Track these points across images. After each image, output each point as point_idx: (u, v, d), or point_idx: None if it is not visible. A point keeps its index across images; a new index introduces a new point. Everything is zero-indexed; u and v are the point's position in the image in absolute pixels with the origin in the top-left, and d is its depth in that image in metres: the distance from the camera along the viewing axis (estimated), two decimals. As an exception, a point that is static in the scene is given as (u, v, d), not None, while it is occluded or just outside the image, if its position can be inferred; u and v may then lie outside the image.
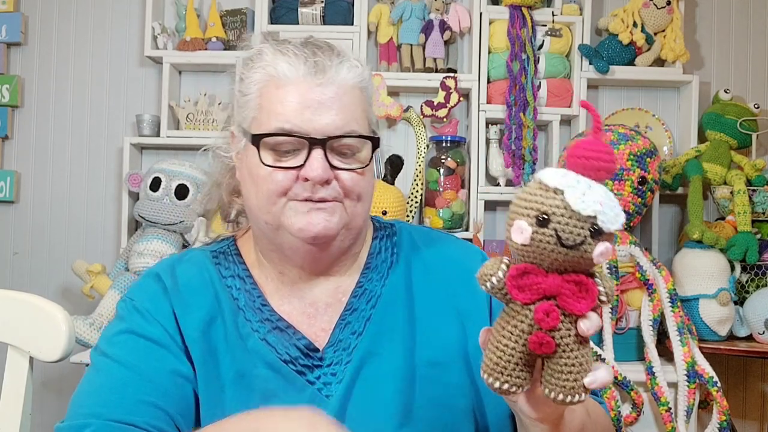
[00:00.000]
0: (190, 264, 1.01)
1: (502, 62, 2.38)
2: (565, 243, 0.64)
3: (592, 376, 0.68)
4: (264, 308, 0.98)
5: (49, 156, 2.60)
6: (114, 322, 0.98)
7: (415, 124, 2.42)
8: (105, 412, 0.87)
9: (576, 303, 0.66)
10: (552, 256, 0.65)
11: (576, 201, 0.64)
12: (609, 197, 0.65)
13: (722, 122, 2.36)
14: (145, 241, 2.24)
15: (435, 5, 2.42)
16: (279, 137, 0.90)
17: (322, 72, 0.91)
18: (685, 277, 2.14)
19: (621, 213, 0.65)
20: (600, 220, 0.64)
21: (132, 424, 0.86)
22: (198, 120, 2.46)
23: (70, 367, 2.23)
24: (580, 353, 0.68)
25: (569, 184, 0.65)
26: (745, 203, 2.18)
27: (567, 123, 2.49)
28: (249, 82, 0.95)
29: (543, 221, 0.65)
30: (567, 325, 0.67)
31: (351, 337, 0.97)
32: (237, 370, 0.94)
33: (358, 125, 0.93)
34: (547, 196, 0.65)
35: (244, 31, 2.45)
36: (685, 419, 1.90)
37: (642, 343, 1.99)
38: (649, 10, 2.40)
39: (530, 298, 0.67)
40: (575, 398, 0.68)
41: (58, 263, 2.56)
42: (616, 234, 0.67)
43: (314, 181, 0.90)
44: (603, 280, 0.68)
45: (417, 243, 1.05)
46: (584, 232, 0.64)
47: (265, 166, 0.91)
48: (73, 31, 2.61)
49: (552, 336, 0.67)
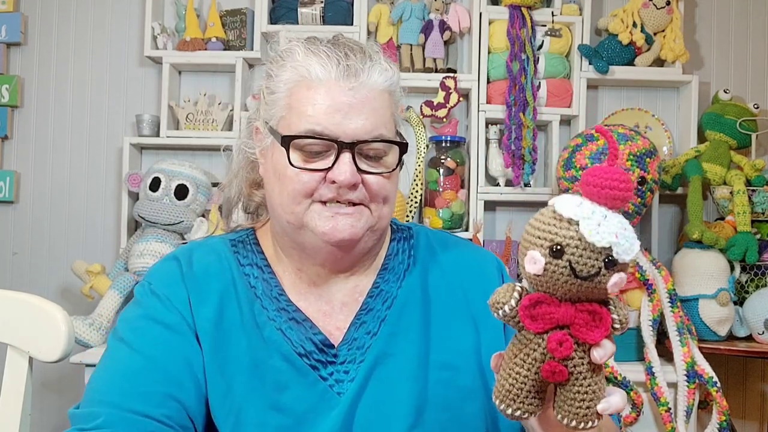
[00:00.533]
0: (208, 250, 1.02)
1: (502, 62, 2.38)
2: (579, 275, 0.64)
3: (605, 403, 0.69)
4: (281, 297, 0.98)
5: (49, 156, 2.60)
6: (131, 306, 0.99)
7: (414, 124, 2.42)
8: (119, 402, 0.87)
9: (589, 332, 0.66)
10: (565, 287, 0.65)
11: (591, 233, 0.63)
12: (624, 226, 0.65)
13: (722, 122, 2.36)
14: (145, 241, 2.24)
15: (435, 5, 2.42)
16: (308, 139, 0.90)
17: (354, 76, 0.91)
18: (685, 277, 2.14)
19: (636, 242, 0.65)
20: (615, 251, 0.64)
21: (146, 415, 0.87)
22: (198, 120, 2.46)
23: (69, 368, 2.23)
24: (593, 381, 0.68)
25: (584, 215, 0.64)
26: (744, 203, 2.18)
27: (567, 123, 2.49)
28: (278, 80, 0.95)
29: (557, 252, 0.64)
30: (580, 354, 0.67)
31: (365, 336, 0.97)
32: (252, 359, 0.94)
33: (386, 129, 0.93)
34: (561, 226, 0.65)
35: (244, 31, 2.45)
36: (685, 419, 1.90)
37: (642, 343, 1.99)
38: (649, 10, 2.40)
39: (543, 327, 0.67)
40: (588, 424, 0.68)
41: (58, 263, 2.56)
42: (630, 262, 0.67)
43: (342, 184, 0.90)
44: (617, 307, 0.68)
45: (434, 247, 1.05)
46: (599, 263, 0.64)
47: (293, 167, 0.91)
48: (73, 31, 2.61)
49: (565, 365, 0.67)
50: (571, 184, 2.11)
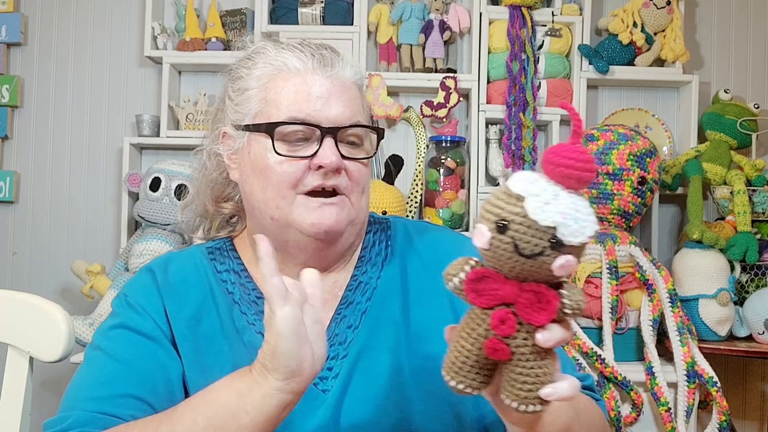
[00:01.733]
0: (184, 259, 1.02)
1: (502, 62, 2.38)
2: (522, 252, 0.62)
3: (551, 388, 0.66)
4: (259, 301, 0.98)
5: (49, 156, 2.60)
6: (108, 317, 0.99)
7: (414, 125, 2.42)
8: (90, 405, 0.88)
9: (534, 314, 0.64)
10: (510, 264, 0.63)
11: (535, 210, 0.61)
12: (576, 208, 0.62)
13: (722, 122, 2.36)
14: (145, 241, 2.24)
15: (435, 5, 2.42)
16: (291, 125, 0.92)
17: (330, 65, 0.95)
18: (685, 277, 2.14)
19: (589, 226, 0.62)
20: (560, 232, 0.61)
21: (115, 416, 0.87)
22: (197, 120, 2.46)
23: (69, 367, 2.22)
24: (537, 364, 0.65)
25: (533, 192, 0.62)
26: (744, 203, 2.18)
27: (567, 123, 2.48)
28: (250, 78, 0.96)
29: (502, 227, 0.62)
30: (524, 335, 0.65)
31: (347, 330, 0.97)
32: (234, 363, 0.94)
33: (361, 117, 0.96)
34: (508, 201, 0.63)
35: (244, 31, 2.45)
36: (685, 419, 1.90)
37: (642, 343, 1.99)
38: (649, 10, 2.40)
39: (487, 303, 0.66)
40: (528, 408, 0.66)
41: (58, 263, 2.55)
42: (585, 246, 0.64)
43: (328, 168, 0.91)
44: (570, 292, 0.65)
45: (411, 235, 1.06)
46: (543, 243, 0.61)
47: (278, 155, 0.92)
48: (73, 31, 2.61)
49: (507, 344, 0.65)
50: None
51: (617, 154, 2.04)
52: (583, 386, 1.01)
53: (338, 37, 2.38)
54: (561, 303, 0.64)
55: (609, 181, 2.05)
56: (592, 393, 1.01)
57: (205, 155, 1.04)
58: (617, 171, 2.04)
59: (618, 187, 2.05)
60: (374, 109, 2.37)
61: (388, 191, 2.21)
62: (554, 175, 0.62)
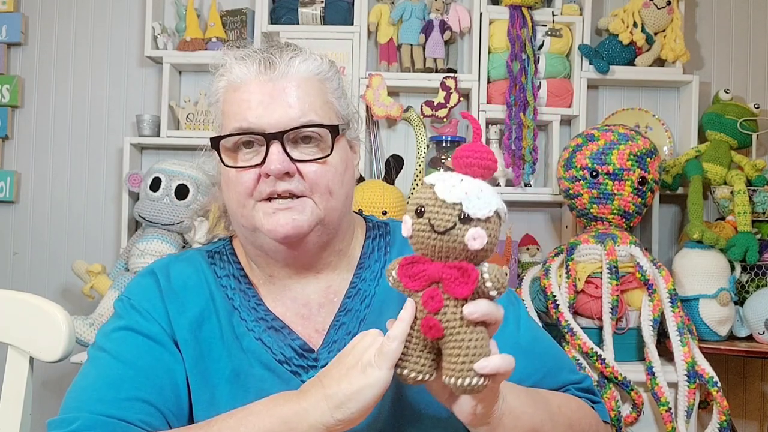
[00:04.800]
0: (185, 264, 1.02)
1: (502, 62, 2.38)
2: (437, 229, 0.71)
3: (485, 361, 0.71)
4: (259, 308, 0.98)
5: (49, 156, 2.60)
6: (111, 319, 0.99)
7: (415, 124, 2.42)
8: (97, 408, 0.87)
9: (456, 287, 0.71)
10: (430, 243, 0.72)
11: (442, 191, 0.71)
12: (480, 188, 0.72)
13: (722, 122, 2.36)
14: (145, 241, 2.24)
15: (435, 5, 2.42)
16: (235, 136, 0.92)
17: (271, 67, 0.93)
18: (685, 277, 2.14)
19: (492, 202, 0.72)
20: (465, 206, 0.70)
21: (123, 419, 0.86)
22: (198, 120, 2.46)
23: (70, 367, 2.22)
24: (468, 337, 0.71)
25: (442, 179, 0.73)
26: (745, 203, 2.18)
27: (567, 123, 2.49)
28: (214, 91, 0.98)
29: (420, 212, 0.72)
30: (453, 309, 0.72)
31: (346, 337, 0.97)
32: (233, 369, 0.94)
33: (317, 115, 0.93)
34: (423, 191, 0.74)
35: (245, 31, 2.45)
36: (685, 419, 1.90)
37: (642, 343, 1.98)
38: (649, 10, 2.40)
39: (419, 285, 0.74)
40: (465, 381, 0.71)
41: (58, 263, 2.56)
42: (493, 222, 0.73)
43: (274, 174, 0.90)
44: (492, 271, 0.72)
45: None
46: (453, 218, 0.71)
47: (228, 168, 0.93)
48: (73, 31, 2.61)
49: (439, 320, 0.72)
50: (572, 183, 2.11)
51: (617, 154, 2.04)
52: (582, 388, 1.01)
53: (338, 37, 2.38)
54: (482, 278, 0.71)
55: (609, 181, 2.05)
56: (591, 395, 1.01)
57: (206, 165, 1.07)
58: (617, 171, 2.04)
59: (618, 187, 2.05)
60: (374, 109, 2.37)
61: (388, 191, 2.21)
62: (460, 167, 0.74)
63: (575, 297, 2.02)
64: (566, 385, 1.00)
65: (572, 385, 1.01)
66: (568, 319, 1.96)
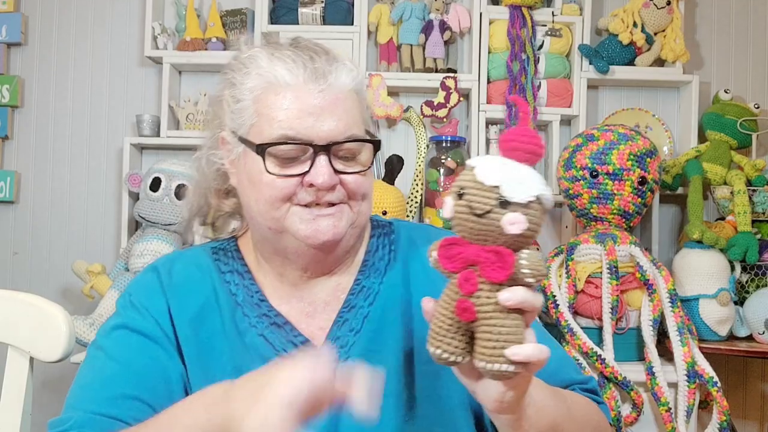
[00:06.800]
0: (189, 259, 1.02)
1: (502, 62, 2.38)
2: (475, 212, 0.70)
3: (517, 348, 0.70)
4: (262, 303, 0.98)
5: (49, 156, 2.60)
6: (112, 316, 1.00)
7: (415, 124, 2.42)
8: (91, 406, 0.88)
9: (492, 271, 0.71)
10: (469, 225, 0.71)
11: (481, 174, 0.71)
12: (521, 172, 0.71)
13: (722, 122, 2.36)
14: (145, 241, 2.24)
15: (435, 5, 2.42)
16: (283, 145, 0.90)
17: (323, 77, 0.91)
18: (685, 277, 2.14)
19: (533, 187, 0.70)
20: (504, 190, 0.69)
21: (114, 417, 0.87)
22: (198, 120, 2.46)
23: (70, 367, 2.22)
24: (501, 323, 0.71)
25: (482, 162, 0.72)
26: (745, 203, 2.18)
27: (567, 123, 2.49)
28: (243, 88, 0.94)
29: (460, 195, 0.72)
30: (487, 294, 0.71)
31: (349, 334, 0.97)
32: (235, 365, 0.94)
33: (357, 129, 0.93)
34: (465, 173, 0.73)
35: (244, 31, 2.45)
36: (685, 419, 1.90)
37: (642, 343, 1.98)
38: (649, 10, 2.40)
39: (456, 267, 0.73)
40: (495, 366, 0.70)
41: (58, 263, 2.55)
42: (534, 208, 0.71)
43: (321, 187, 0.90)
44: (529, 258, 0.71)
45: (414, 240, 1.05)
46: (491, 201, 0.70)
47: (270, 174, 0.90)
48: (73, 31, 2.61)
49: (473, 303, 0.71)
50: (572, 183, 2.11)
51: (617, 154, 2.04)
52: (586, 389, 1.01)
53: (338, 37, 2.38)
54: (519, 264, 0.70)
55: (609, 181, 2.05)
56: (595, 396, 1.01)
57: (203, 162, 1.02)
58: (617, 171, 2.04)
59: (618, 187, 2.05)
60: (374, 109, 2.37)
61: (388, 191, 2.21)
62: (505, 150, 0.73)
63: (575, 297, 2.02)
64: (572, 384, 1.00)
65: (577, 384, 1.01)
66: (567, 319, 1.96)
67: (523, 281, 0.71)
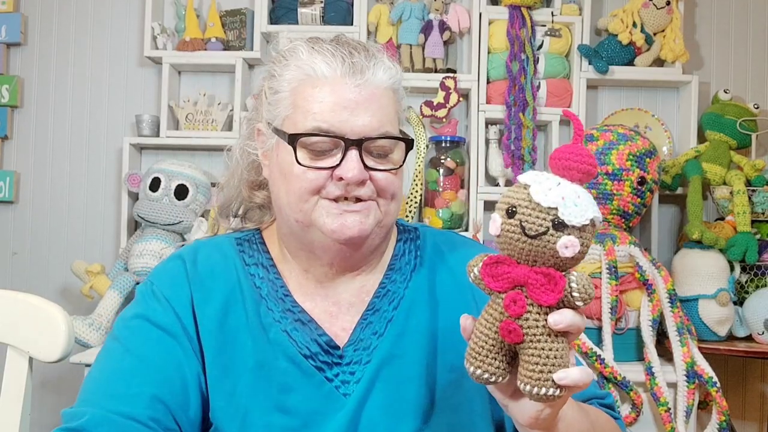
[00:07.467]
0: (213, 250, 1.01)
1: (502, 62, 2.38)
2: (528, 233, 0.68)
3: (564, 373, 0.69)
4: (286, 299, 0.97)
5: (49, 156, 2.60)
6: (132, 303, 0.98)
7: (414, 125, 2.42)
8: (105, 403, 0.87)
9: (542, 294, 0.69)
10: (519, 246, 0.69)
11: (538, 194, 0.68)
12: (577, 194, 0.69)
13: (722, 122, 2.36)
14: (145, 241, 2.24)
15: (434, 5, 2.42)
16: (315, 137, 0.90)
17: (360, 73, 0.91)
18: (685, 278, 2.14)
19: (589, 210, 0.69)
20: (561, 212, 0.67)
21: (131, 416, 0.86)
22: (197, 120, 2.46)
23: (69, 368, 2.23)
24: (549, 346, 0.69)
25: (538, 181, 0.70)
26: (744, 203, 2.18)
27: (566, 123, 2.49)
28: (282, 79, 0.94)
29: (511, 213, 0.69)
30: (535, 316, 0.69)
31: (372, 337, 0.96)
32: (257, 360, 0.93)
33: (391, 126, 0.93)
34: (517, 191, 0.71)
35: (244, 31, 2.45)
36: (685, 419, 1.90)
37: (641, 343, 1.99)
38: (649, 11, 2.40)
39: (501, 286, 0.71)
40: (542, 391, 0.69)
41: (58, 263, 2.55)
42: (588, 231, 0.70)
43: (350, 181, 0.90)
44: (579, 281, 0.69)
45: (441, 248, 1.05)
46: (546, 223, 0.68)
47: (301, 165, 0.90)
48: (73, 31, 2.61)
49: (520, 325, 0.69)
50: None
51: (617, 154, 2.04)
52: (604, 404, 1.01)
53: (338, 37, 2.38)
54: (569, 287, 0.69)
55: (608, 181, 2.05)
56: (612, 411, 1.01)
57: (238, 152, 1.03)
58: (617, 171, 2.04)
59: (617, 187, 2.05)
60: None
61: (388, 191, 2.21)
62: (558, 169, 0.70)
63: (575, 297, 2.02)
64: (591, 399, 1.00)
65: (596, 399, 1.01)
66: (567, 319, 1.96)
67: (572, 304, 0.70)
